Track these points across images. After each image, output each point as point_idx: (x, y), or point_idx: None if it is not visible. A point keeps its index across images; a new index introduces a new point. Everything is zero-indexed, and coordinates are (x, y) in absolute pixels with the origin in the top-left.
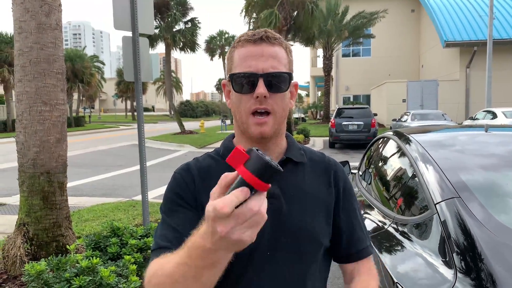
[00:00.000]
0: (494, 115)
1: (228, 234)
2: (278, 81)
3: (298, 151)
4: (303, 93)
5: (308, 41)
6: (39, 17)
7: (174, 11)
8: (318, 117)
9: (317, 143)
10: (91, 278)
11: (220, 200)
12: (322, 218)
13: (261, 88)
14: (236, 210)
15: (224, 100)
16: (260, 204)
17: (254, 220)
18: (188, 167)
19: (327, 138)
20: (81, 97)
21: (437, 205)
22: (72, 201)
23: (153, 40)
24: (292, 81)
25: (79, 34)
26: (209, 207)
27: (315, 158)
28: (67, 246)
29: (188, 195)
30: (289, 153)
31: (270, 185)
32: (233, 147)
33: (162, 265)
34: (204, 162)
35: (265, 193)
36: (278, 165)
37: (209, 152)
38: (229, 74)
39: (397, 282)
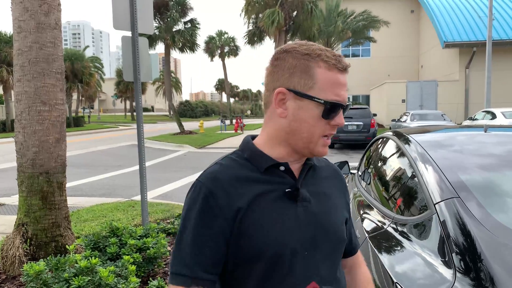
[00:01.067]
0: (494, 116)
1: None
2: (346, 111)
3: (315, 157)
4: None
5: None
6: (38, 17)
7: (174, 11)
8: None
9: None
10: (90, 278)
11: None
12: (342, 218)
13: (342, 119)
14: None
15: (224, 100)
16: None
17: None
18: (215, 175)
19: None
20: (80, 97)
21: (436, 205)
22: (71, 201)
23: (152, 40)
24: None
25: (79, 34)
26: None
27: (323, 162)
28: (66, 246)
29: (218, 209)
30: (311, 159)
31: None
32: (260, 151)
33: None
34: (231, 167)
35: None
36: None
37: (230, 155)
38: (323, 100)
39: (396, 282)
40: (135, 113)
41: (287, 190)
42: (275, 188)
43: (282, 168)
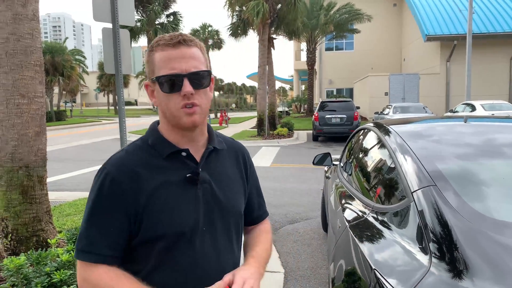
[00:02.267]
0: (473, 108)
1: None
2: (200, 79)
3: (218, 139)
4: (287, 86)
5: (291, 35)
6: (15, 8)
7: (156, 4)
8: (302, 110)
9: (301, 136)
10: (72, 272)
11: None
12: (241, 194)
13: (187, 87)
14: None
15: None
16: None
17: None
18: (122, 162)
19: (311, 131)
20: (62, 91)
21: (413, 193)
22: (53, 195)
23: (135, 34)
24: (211, 76)
25: (59, 26)
26: None
27: (229, 143)
28: (48, 240)
29: (122, 194)
30: (213, 142)
31: None
32: (163, 138)
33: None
34: (135, 154)
35: None
36: None
37: (135, 142)
38: (155, 77)
39: (375, 269)
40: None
41: (187, 175)
42: (176, 173)
43: (183, 153)
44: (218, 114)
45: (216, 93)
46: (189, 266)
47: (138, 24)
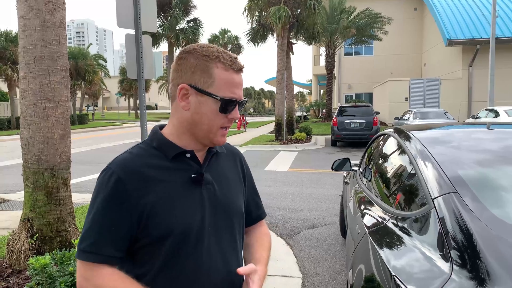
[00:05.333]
0: (497, 114)
1: None
2: (242, 106)
3: None
4: (305, 91)
5: (311, 39)
6: (43, 15)
7: (177, 10)
8: (320, 115)
9: (319, 141)
10: None
11: None
12: (241, 195)
13: (237, 114)
14: None
15: None
16: None
17: None
18: (126, 163)
19: (329, 136)
20: (84, 95)
21: (434, 200)
22: (76, 197)
23: (156, 39)
24: None
25: (83, 32)
26: None
27: (227, 148)
28: (72, 241)
29: (126, 193)
30: (214, 147)
31: None
32: (168, 140)
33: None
34: (140, 155)
35: None
36: None
37: (139, 145)
38: (221, 97)
39: (394, 275)
40: (139, 111)
41: (192, 175)
42: (182, 174)
43: (188, 155)
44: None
45: None
46: (196, 266)
47: (160, 29)
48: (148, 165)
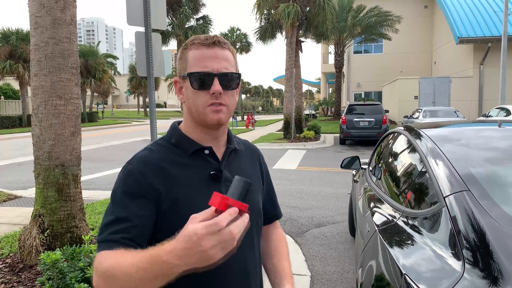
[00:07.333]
0: (508, 112)
1: (208, 250)
2: (230, 80)
3: (236, 140)
4: (313, 89)
5: (320, 37)
6: (55, 13)
7: (186, 8)
8: (329, 113)
9: (328, 140)
10: None
11: (213, 220)
12: (259, 193)
13: (216, 86)
14: (222, 230)
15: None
16: (238, 231)
17: (229, 243)
18: (146, 159)
19: (338, 134)
20: (94, 93)
21: (446, 198)
22: (86, 194)
23: (165, 37)
24: (239, 80)
25: (93, 30)
26: (198, 226)
27: (245, 145)
28: (82, 237)
29: (147, 187)
30: (232, 143)
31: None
32: (186, 136)
33: (119, 263)
34: (159, 152)
35: (245, 221)
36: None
37: (158, 141)
38: (187, 73)
39: (405, 274)
40: (148, 109)
41: (211, 172)
42: (200, 170)
43: (206, 152)
44: (245, 117)
45: (243, 96)
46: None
47: (169, 27)
48: (167, 161)
